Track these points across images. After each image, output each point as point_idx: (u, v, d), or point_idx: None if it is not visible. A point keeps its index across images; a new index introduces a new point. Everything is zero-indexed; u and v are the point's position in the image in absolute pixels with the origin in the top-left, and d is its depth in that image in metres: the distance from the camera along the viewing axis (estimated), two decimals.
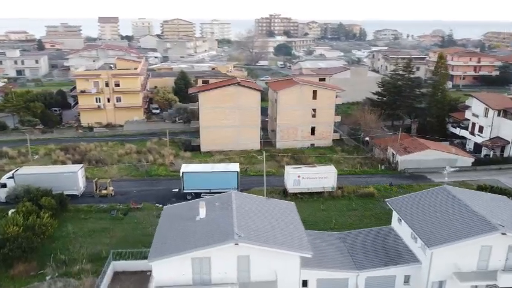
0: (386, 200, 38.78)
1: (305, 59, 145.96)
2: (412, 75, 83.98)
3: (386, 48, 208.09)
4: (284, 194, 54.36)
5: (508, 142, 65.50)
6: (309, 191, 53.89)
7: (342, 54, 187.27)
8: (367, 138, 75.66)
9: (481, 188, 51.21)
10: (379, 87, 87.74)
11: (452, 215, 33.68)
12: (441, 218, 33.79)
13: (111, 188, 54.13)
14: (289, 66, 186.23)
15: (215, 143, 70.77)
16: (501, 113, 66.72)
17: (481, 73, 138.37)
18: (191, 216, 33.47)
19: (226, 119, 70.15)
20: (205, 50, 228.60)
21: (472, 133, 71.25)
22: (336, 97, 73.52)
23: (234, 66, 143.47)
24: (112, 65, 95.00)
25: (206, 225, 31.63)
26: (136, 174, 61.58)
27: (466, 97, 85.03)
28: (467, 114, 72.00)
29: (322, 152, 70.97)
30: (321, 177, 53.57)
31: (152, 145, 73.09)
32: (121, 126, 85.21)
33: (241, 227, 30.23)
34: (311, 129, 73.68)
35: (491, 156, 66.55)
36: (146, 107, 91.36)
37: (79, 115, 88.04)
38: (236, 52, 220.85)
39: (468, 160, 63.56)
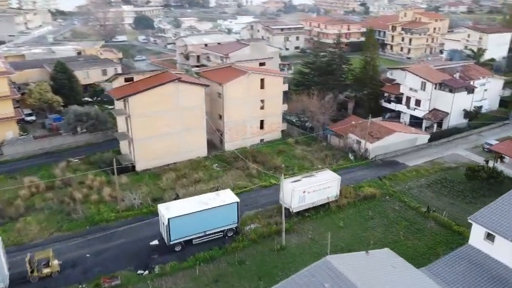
0: (470, 217, 33.53)
1: (187, 34, 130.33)
2: (343, 52, 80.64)
3: (252, 17, 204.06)
4: (284, 214, 44.86)
5: (447, 113, 68.25)
6: (314, 205, 45.74)
7: (211, 25, 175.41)
8: (310, 125, 70.24)
9: (472, 169, 51.03)
10: (304, 66, 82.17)
11: None
12: None
13: (56, 262, 36.01)
14: (155, 41, 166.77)
15: (154, 157, 55.34)
16: (437, 86, 68.75)
17: (350, 40, 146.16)
18: None
19: (166, 125, 55.08)
20: (40, 25, 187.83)
21: (408, 107, 72.34)
22: (284, 83, 65.14)
23: (102, 47, 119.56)
24: None
25: None
26: (71, 225, 43.06)
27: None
28: (403, 88, 72.50)
29: (281, 148, 62.54)
30: (326, 187, 45.83)
31: (63, 173, 53.25)
32: None
33: None
34: (260, 123, 64.15)
35: (435, 130, 68.52)
36: (21, 117, 66.84)
37: None
38: (82, 26, 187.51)
39: (425, 137, 63.99)
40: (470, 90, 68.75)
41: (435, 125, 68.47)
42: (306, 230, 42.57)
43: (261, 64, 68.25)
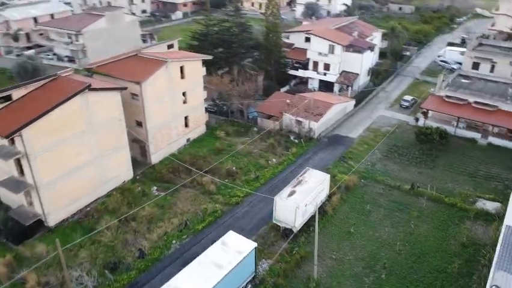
0: None
1: (5, 6, 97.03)
2: (242, 19, 70.65)
3: None
4: (285, 236, 37.37)
5: (357, 74, 67.98)
6: (311, 214, 39.16)
7: None
8: (226, 109, 61.41)
9: (423, 133, 51.50)
10: (193, 39, 70.01)
11: None
12: None
13: None
14: None
15: (70, 201, 39.32)
16: (344, 48, 67.15)
17: None
18: None
19: (79, 154, 39.06)
20: None
21: (317, 72, 69.56)
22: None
23: None
24: None
25: None
26: None
27: None
28: (310, 54, 68.73)
29: (217, 145, 52.25)
30: (320, 191, 39.58)
31: None
32: None
33: None
34: (184, 119, 52.17)
35: (349, 93, 67.63)
36: None
37: None
38: None
39: (352, 103, 62.48)
40: (373, 48, 69.66)
41: (349, 88, 67.72)
42: (322, 250, 36.09)
43: (169, 47, 54.23)
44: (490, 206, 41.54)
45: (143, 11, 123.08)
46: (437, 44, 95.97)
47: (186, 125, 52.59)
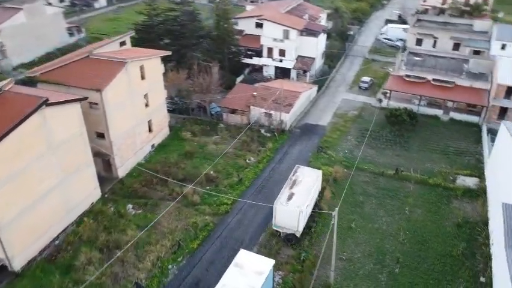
0: None
1: None
2: (189, 8, 64.81)
3: None
4: (289, 242, 35.37)
5: (314, 59, 66.71)
6: (308, 214, 37.49)
7: None
8: (185, 106, 57.08)
9: (394, 115, 51.82)
10: (137, 31, 63.36)
11: None
12: None
13: None
14: None
15: (36, 237, 33.58)
16: (299, 32, 65.18)
17: None
18: None
19: (41, 181, 33.20)
20: None
21: (272, 58, 67.12)
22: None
23: None
24: None
25: None
26: None
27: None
28: (264, 40, 65.86)
29: (187, 148, 47.98)
30: (315, 189, 37.92)
31: None
32: None
33: None
34: (148, 124, 47.14)
35: (307, 78, 66.26)
36: None
37: None
38: None
39: (314, 90, 61.17)
40: (326, 31, 68.65)
41: (307, 74, 66.34)
42: (330, 251, 34.49)
43: (122, 44, 47.91)
44: (470, 181, 42.94)
45: (61, 0, 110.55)
46: (373, 21, 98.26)
47: (150, 130, 47.64)
